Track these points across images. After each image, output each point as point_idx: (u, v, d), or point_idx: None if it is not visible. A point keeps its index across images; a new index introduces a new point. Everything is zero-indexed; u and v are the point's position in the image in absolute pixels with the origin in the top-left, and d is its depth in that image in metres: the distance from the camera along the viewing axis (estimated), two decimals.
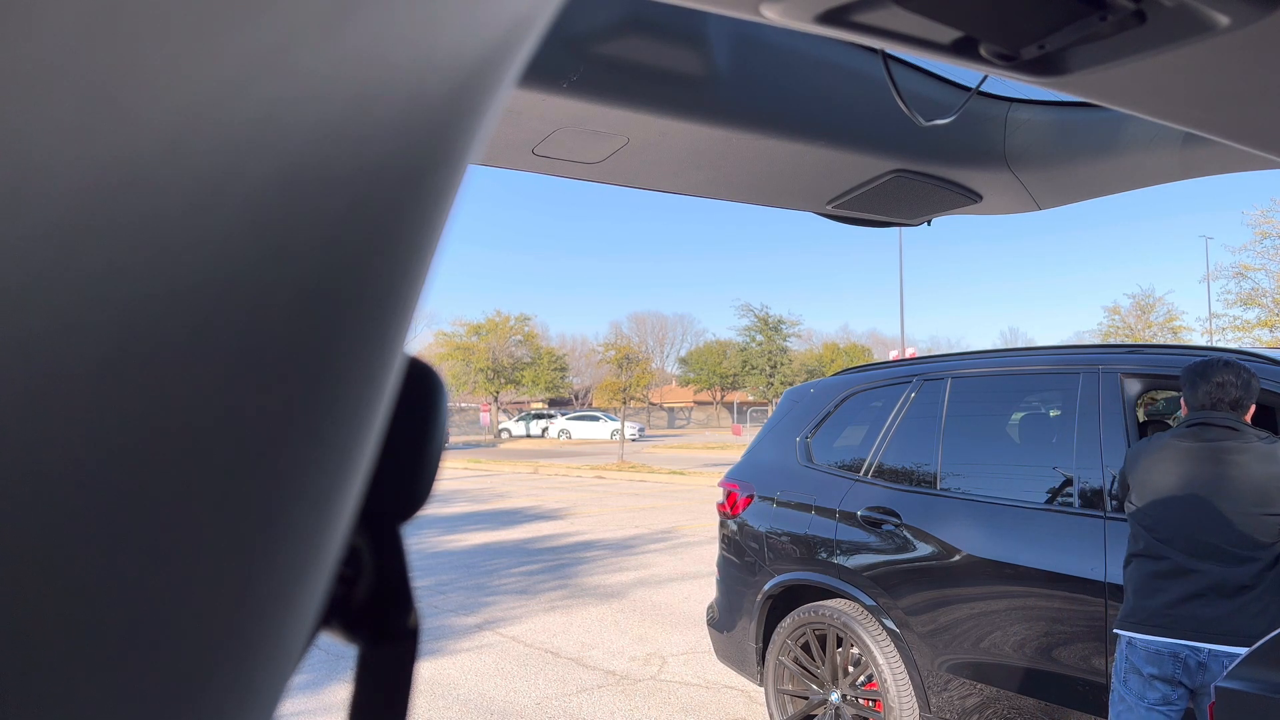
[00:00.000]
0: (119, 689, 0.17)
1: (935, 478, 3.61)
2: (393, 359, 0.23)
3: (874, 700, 3.55)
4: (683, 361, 53.52)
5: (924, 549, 3.44)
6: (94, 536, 0.15)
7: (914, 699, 3.42)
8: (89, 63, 0.13)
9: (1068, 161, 1.62)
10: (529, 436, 41.96)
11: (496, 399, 42.18)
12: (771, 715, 3.90)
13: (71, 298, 0.14)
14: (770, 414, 4.71)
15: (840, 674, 3.68)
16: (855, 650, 3.60)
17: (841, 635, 3.64)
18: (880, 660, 3.47)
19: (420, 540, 10.10)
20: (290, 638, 0.22)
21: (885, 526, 3.60)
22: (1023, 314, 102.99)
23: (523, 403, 51.84)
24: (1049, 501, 3.22)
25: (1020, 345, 13.78)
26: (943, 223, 2.81)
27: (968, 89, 1.50)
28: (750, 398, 49.42)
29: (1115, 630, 2.68)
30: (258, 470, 0.18)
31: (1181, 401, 2.75)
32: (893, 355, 24.66)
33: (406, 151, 0.20)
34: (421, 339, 44.39)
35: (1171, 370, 3.09)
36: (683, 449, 30.52)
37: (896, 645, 3.47)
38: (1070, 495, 3.16)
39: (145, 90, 0.14)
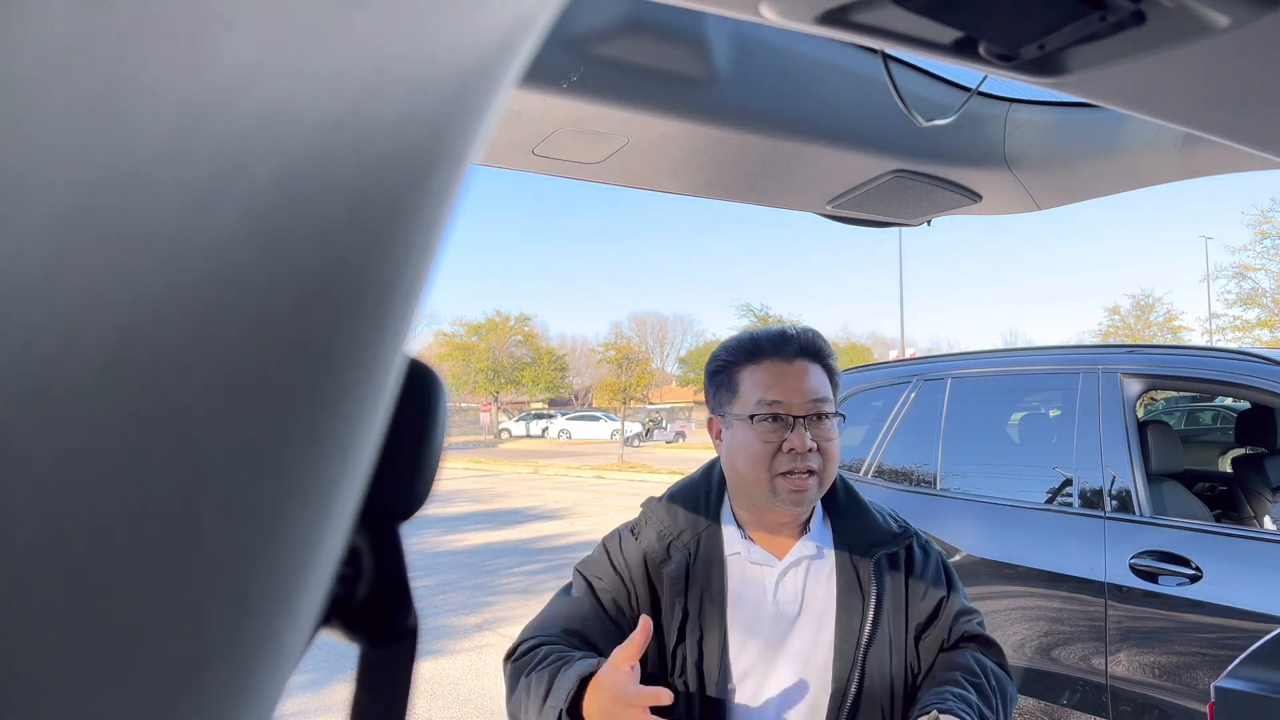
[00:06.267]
0: (118, 689, 0.17)
1: (935, 478, 3.60)
2: (393, 359, 0.23)
3: None
4: (683, 361, 53.50)
5: None
6: (93, 536, 0.15)
7: None
8: (89, 63, 0.13)
9: (1068, 161, 1.62)
10: (529, 436, 41.95)
11: (496, 399, 42.15)
12: None
13: (72, 298, 0.14)
14: None
15: None
16: None
17: None
18: None
19: (420, 540, 10.09)
20: (290, 638, 0.22)
21: None
22: (1023, 314, 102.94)
23: (523, 403, 51.79)
24: (1049, 501, 3.22)
25: (1020, 345, 13.77)
26: (943, 223, 2.81)
27: (968, 89, 1.50)
28: None
29: None
30: (258, 470, 0.18)
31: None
32: (893, 355, 24.63)
33: (406, 151, 0.20)
34: (421, 339, 44.35)
35: (1171, 370, 3.08)
36: (683, 449, 30.49)
37: None
38: (1070, 495, 3.16)
39: (145, 90, 0.14)
